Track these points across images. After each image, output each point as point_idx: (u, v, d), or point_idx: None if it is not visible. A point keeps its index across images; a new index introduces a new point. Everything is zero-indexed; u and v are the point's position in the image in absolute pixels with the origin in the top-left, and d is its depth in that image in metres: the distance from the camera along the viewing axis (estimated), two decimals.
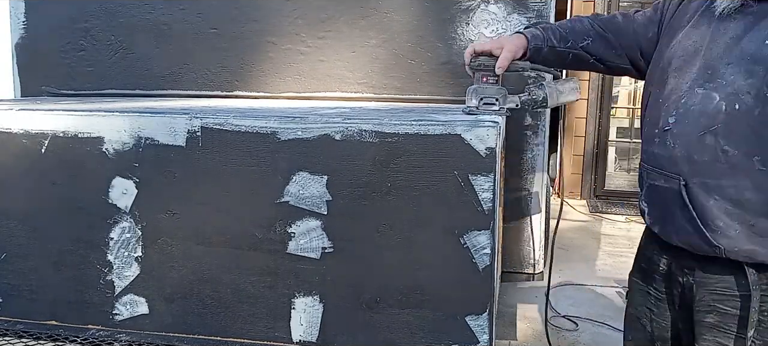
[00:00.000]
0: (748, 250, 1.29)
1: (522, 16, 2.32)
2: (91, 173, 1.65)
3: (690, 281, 1.41)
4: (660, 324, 1.51)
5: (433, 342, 1.55)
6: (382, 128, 1.50)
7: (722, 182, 1.29)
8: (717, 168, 1.30)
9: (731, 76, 1.30)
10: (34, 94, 2.71)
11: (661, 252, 1.49)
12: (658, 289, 1.51)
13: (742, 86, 1.28)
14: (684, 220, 1.35)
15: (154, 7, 2.57)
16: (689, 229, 1.35)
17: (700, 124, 1.32)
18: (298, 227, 1.57)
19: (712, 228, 1.31)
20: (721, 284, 1.35)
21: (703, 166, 1.32)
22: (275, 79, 2.54)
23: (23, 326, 1.74)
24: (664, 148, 1.39)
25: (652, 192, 1.45)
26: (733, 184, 1.28)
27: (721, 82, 1.31)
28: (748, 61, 1.28)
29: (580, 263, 3.93)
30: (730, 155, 1.28)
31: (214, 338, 1.65)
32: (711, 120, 1.31)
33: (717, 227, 1.31)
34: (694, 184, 1.33)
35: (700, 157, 1.32)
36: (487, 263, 1.50)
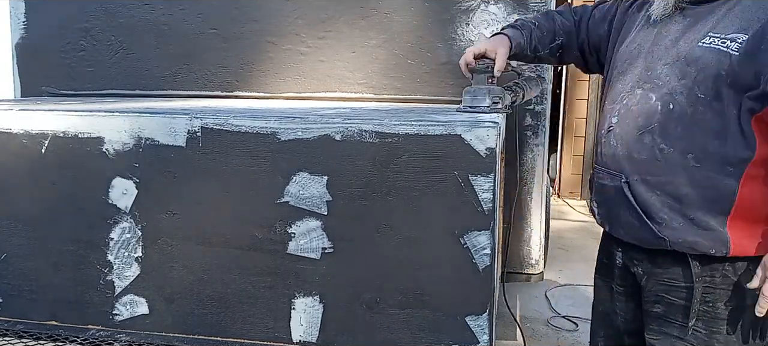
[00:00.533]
0: (690, 241, 1.33)
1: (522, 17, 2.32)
2: (91, 173, 1.65)
3: (640, 272, 1.46)
4: (626, 318, 1.55)
5: (433, 342, 1.55)
6: (382, 128, 1.50)
7: (661, 179, 1.35)
8: (655, 166, 1.35)
9: (666, 77, 1.35)
10: (34, 95, 2.71)
11: (616, 247, 1.54)
12: (618, 284, 1.56)
13: (676, 87, 1.33)
14: (629, 215, 1.40)
15: (154, 7, 2.57)
16: (635, 223, 1.39)
17: (638, 124, 1.38)
18: (298, 228, 1.57)
19: (657, 220, 1.36)
20: (668, 275, 1.39)
21: (642, 164, 1.37)
22: (275, 80, 2.54)
23: (23, 326, 1.74)
24: (608, 148, 1.45)
25: (599, 191, 1.50)
26: (670, 180, 1.33)
27: (658, 82, 1.36)
28: (681, 63, 1.33)
29: (580, 263, 3.93)
30: (666, 153, 1.34)
31: (214, 338, 1.65)
32: (648, 120, 1.36)
33: (661, 220, 1.36)
34: (635, 181, 1.38)
35: (640, 155, 1.37)
36: (487, 264, 1.50)
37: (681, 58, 1.34)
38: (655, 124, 1.35)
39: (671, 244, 1.35)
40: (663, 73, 1.36)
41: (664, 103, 1.34)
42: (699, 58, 1.30)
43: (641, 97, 1.39)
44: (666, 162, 1.34)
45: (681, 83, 1.32)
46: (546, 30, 1.72)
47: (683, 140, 1.32)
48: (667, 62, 1.37)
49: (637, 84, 1.41)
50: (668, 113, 1.33)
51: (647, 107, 1.37)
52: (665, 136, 1.34)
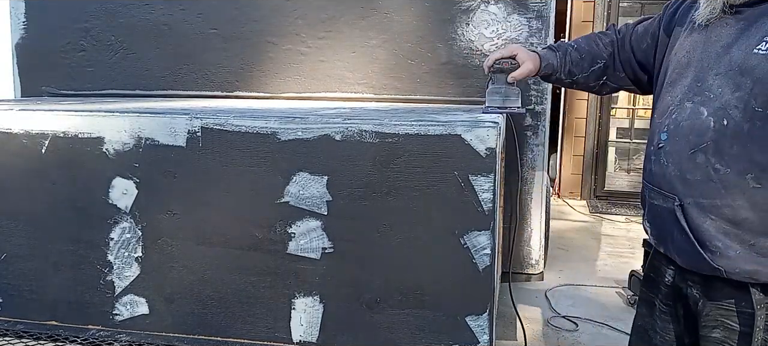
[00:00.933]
0: (749, 270, 1.23)
1: (522, 17, 2.32)
2: (91, 173, 1.65)
3: (696, 295, 1.36)
4: (665, 338, 1.46)
5: (433, 342, 1.55)
6: (382, 129, 1.50)
7: (717, 202, 1.24)
8: (710, 187, 1.24)
9: (719, 89, 1.24)
10: (34, 95, 2.71)
11: (667, 263, 1.44)
12: (663, 302, 1.46)
13: (730, 100, 1.22)
14: (682, 241, 1.30)
15: (154, 8, 2.57)
16: (688, 249, 1.29)
17: (690, 142, 1.27)
18: (298, 227, 1.57)
19: (711, 249, 1.26)
20: (727, 300, 1.29)
21: (696, 186, 1.26)
22: (275, 80, 2.54)
23: (23, 326, 1.74)
24: (659, 166, 1.35)
25: (652, 211, 1.40)
26: (728, 203, 1.23)
27: (709, 95, 1.25)
28: (735, 73, 1.22)
29: (580, 264, 3.93)
30: (721, 174, 1.23)
31: (214, 339, 1.65)
32: (700, 137, 1.25)
33: (715, 248, 1.25)
34: (688, 204, 1.28)
35: (693, 176, 1.27)
36: (487, 264, 1.50)
37: (734, 67, 1.22)
38: (708, 142, 1.24)
39: (728, 273, 1.25)
40: (715, 84, 1.24)
41: (718, 119, 1.22)
42: (755, 67, 1.18)
43: (691, 111, 1.27)
44: (722, 184, 1.22)
45: (735, 96, 1.20)
46: (585, 53, 1.61)
47: (740, 159, 1.20)
48: (719, 72, 1.25)
49: (687, 97, 1.30)
50: (722, 130, 1.22)
51: (699, 123, 1.25)
52: (720, 156, 1.22)
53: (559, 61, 1.62)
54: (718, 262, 1.25)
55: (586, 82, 1.64)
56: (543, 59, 1.61)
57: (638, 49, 1.55)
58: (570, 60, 1.62)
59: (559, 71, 1.62)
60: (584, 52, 1.61)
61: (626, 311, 3.16)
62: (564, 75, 1.63)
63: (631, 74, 1.58)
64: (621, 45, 1.58)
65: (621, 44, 1.58)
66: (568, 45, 1.64)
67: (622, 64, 1.58)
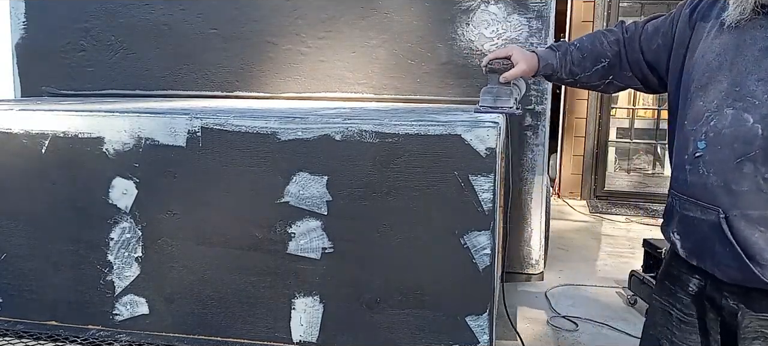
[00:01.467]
0: None
1: (522, 17, 2.32)
2: (91, 173, 1.65)
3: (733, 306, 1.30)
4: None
5: (433, 342, 1.55)
6: (382, 129, 1.50)
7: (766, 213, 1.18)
8: (760, 198, 1.19)
9: (764, 95, 1.18)
10: (34, 95, 2.71)
11: (691, 272, 1.38)
12: (683, 311, 1.41)
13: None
14: (727, 255, 1.24)
15: (154, 8, 2.57)
16: (733, 264, 1.23)
17: (735, 151, 1.21)
18: (298, 227, 1.57)
19: (761, 263, 1.20)
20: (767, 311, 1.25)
21: (743, 197, 1.20)
22: (275, 80, 2.54)
23: (23, 326, 1.74)
24: (697, 177, 1.28)
25: (685, 223, 1.34)
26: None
27: (753, 101, 1.20)
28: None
29: (580, 264, 3.93)
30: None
31: (214, 339, 1.65)
32: (747, 146, 1.19)
33: (764, 262, 1.19)
34: (734, 216, 1.21)
35: (739, 187, 1.20)
36: (487, 264, 1.49)
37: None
38: (756, 151, 1.18)
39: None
40: (759, 90, 1.19)
41: (766, 126, 1.17)
42: None
43: (734, 118, 1.22)
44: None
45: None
46: (588, 52, 1.56)
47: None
48: (761, 77, 1.19)
49: (725, 102, 1.24)
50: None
51: (744, 131, 1.20)
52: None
53: (559, 60, 1.58)
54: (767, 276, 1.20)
55: (589, 82, 1.60)
56: (541, 59, 1.58)
57: (648, 50, 1.50)
58: (571, 59, 1.58)
59: (559, 71, 1.59)
60: (586, 51, 1.57)
61: (626, 311, 3.16)
62: (565, 74, 1.59)
63: (640, 74, 1.53)
64: (629, 44, 1.53)
65: (629, 44, 1.53)
66: (570, 44, 1.61)
67: (630, 64, 1.53)
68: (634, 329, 2.83)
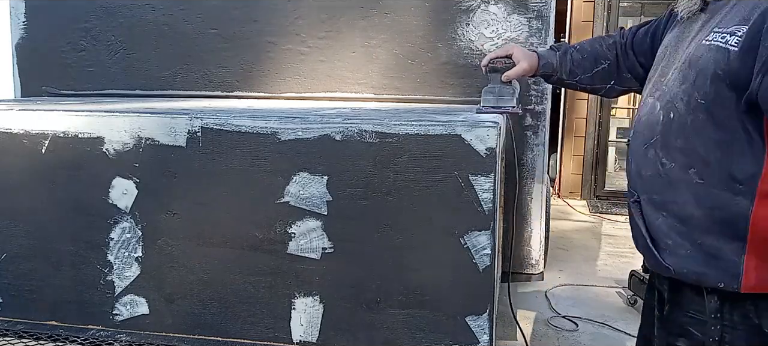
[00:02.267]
0: (698, 272, 1.17)
1: (522, 17, 2.32)
2: (91, 173, 1.65)
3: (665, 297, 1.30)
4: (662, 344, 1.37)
5: (433, 342, 1.55)
6: (382, 128, 1.50)
7: (665, 198, 1.20)
8: (660, 183, 1.21)
9: (672, 83, 1.21)
10: (34, 95, 2.71)
11: None
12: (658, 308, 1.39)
13: (677, 93, 1.18)
14: (641, 239, 1.28)
15: (154, 7, 2.57)
16: (645, 246, 1.26)
17: (644, 137, 1.25)
18: (298, 228, 1.57)
19: (662, 246, 1.22)
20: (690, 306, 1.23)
21: (648, 182, 1.24)
22: (275, 80, 2.54)
23: (23, 326, 1.74)
24: (627, 164, 1.34)
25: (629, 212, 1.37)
26: (674, 199, 1.18)
27: (665, 89, 1.23)
28: (685, 66, 1.18)
29: (580, 263, 3.93)
30: (668, 169, 1.19)
31: (214, 339, 1.65)
32: (651, 132, 1.22)
33: (666, 246, 1.21)
34: (644, 200, 1.25)
35: (646, 171, 1.24)
36: (487, 264, 1.49)
37: (685, 60, 1.19)
38: (656, 136, 1.21)
39: (676, 273, 1.20)
40: (671, 78, 1.22)
41: (666, 113, 1.20)
42: (699, 58, 1.15)
43: (650, 106, 1.25)
44: (668, 179, 1.19)
45: (681, 89, 1.17)
46: (587, 53, 1.56)
47: (683, 153, 1.17)
48: (677, 66, 1.22)
49: (650, 93, 1.28)
50: (668, 123, 1.19)
51: (652, 118, 1.23)
52: (666, 150, 1.19)
53: (559, 60, 1.59)
54: (667, 259, 1.21)
55: (591, 84, 1.59)
56: (542, 58, 1.59)
57: (640, 52, 1.52)
58: (571, 60, 1.58)
59: (559, 71, 1.59)
60: (586, 53, 1.58)
61: (626, 311, 3.16)
62: (565, 75, 1.59)
63: (637, 77, 1.55)
64: (624, 49, 1.55)
65: (624, 49, 1.55)
66: (570, 46, 1.62)
67: (627, 68, 1.56)
68: (634, 329, 2.82)
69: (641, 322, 1.52)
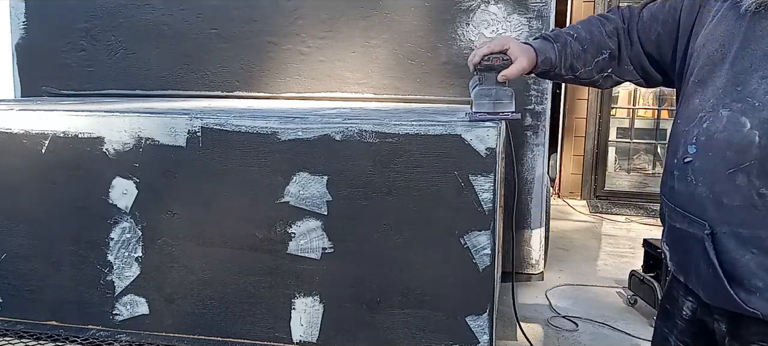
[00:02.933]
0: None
1: (522, 17, 2.32)
2: (91, 173, 1.65)
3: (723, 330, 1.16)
4: None
5: (433, 342, 1.55)
6: (382, 128, 1.50)
7: (761, 233, 1.03)
8: (753, 215, 1.03)
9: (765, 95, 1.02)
10: (34, 95, 2.71)
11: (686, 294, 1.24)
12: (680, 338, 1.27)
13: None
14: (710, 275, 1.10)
15: (154, 8, 2.57)
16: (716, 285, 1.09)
17: (727, 159, 1.06)
18: (298, 228, 1.57)
19: (747, 288, 1.06)
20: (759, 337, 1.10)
21: (734, 212, 1.05)
22: (276, 80, 2.54)
23: (23, 326, 1.74)
24: (685, 185, 1.13)
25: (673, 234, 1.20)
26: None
27: (753, 102, 1.04)
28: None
29: (580, 263, 3.93)
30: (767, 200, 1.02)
31: (214, 338, 1.65)
32: (742, 155, 1.04)
33: (754, 288, 1.05)
34: (723, 233, 1.07)
35: (731, 201, 1.05)
36: (487, 264, 1.49)
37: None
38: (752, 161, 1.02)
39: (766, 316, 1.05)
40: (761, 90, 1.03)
41: (764, 132, 1.01)
42: None
43: (729, 121, 1.06)
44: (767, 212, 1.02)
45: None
46: (587, 42, 1.36)
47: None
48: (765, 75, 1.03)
49: (722, 102, 1.08)
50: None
51: (739, 137, 1.04)
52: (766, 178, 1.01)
53: (558, 54, 1.37)
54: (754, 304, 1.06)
55: (589, 77, 1.40)
56: (539, 53, 1.36)
57: (647, 40, 1.32)
58: (571, 52, 1.38)
59: (558, 66, 1.38)
60: (586, 42, 1.38)
61: (626, 311, 3.16)
62: (564, 70, 1.38)
63: (640, 68, 1.37)
64: (627, 36, 1.36)
65: (627, 35, 1.36)
66: (566, 34, 1.40)
67: (629, 57, 1.36)
68: (634, 329, 2.83)
69: None
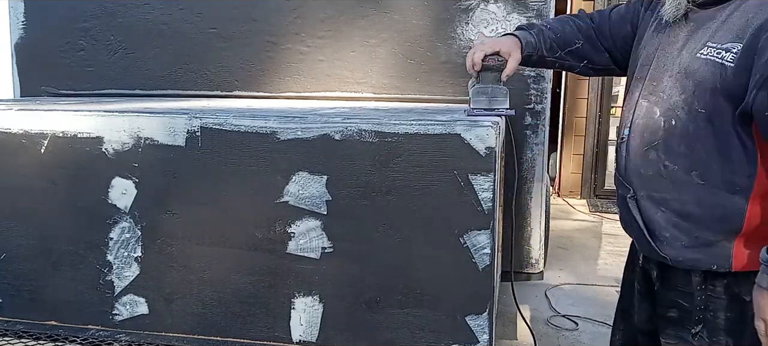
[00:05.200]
0: (692, 259, 1.32)
1: (521, 16, 2.32)
2: (90, 173, 1.65)
3: (654, 276, 1.44)
4: (642, 317, 1.53)
5: (433, 342, 1.55)
6: (381, 128, 1.50)
7: (666, 196, 1.32)
8: (661, 182, 1.33)
9: (669, 90, 1.32)
10: (33, 94, 2.71)
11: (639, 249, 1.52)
12: (639, 283, 1.54)
13: (678, 101, 1.29)
14: (638, 230, 1.39)
15: (153, 7, 2.57)
16: (641, 237, 1.39)
17: (644, 139, 1.35)
18: (297, 227, 1.56)
19: (659, 239, 1.35)
20: (678, 282, 1.38)
21: (648, 180, 1.35)
22: (275, 79, 2.54)
23: (23, 326, 1.74)
24: (621, 159, 1.43)
25: (618, 198, 1.48)
26: (676, 197, 1.31)
27: (662, 95, 1.33)
28: (682, 75, 1.29)
29: (580, 263, 3.93)
30: (670, 170, 1.31)
31: (213, 338, 1.65)
32: (653, 136, 1.33)
33: (663, 238, 1.34)
34: (641, 196, 1.37)
35: (646, 171, 1.35)
36: (486, 263, 1.49)
37: (682, 69, 1.30)
38: (659, 141, 1.32)
39: (672, 261, 1.34)
40: (667, 86, 1.32)
41: (667, 119, 1.31)
42: (696, 70, 1.26)
43: (647, 110, 1.36)
44: (671, 179, 1.31)
45: (681, 98, 1.29)
46: (559, 32, 1.59)
47: (686, 158, 1.29)
48: (671, 74, 1.32)
49: (643, 95, 1.38)
50: (671, 129, 1.30)
51: (652, 122, 1.34)
52: (669, 153, 1.31)
53: (536, 37, 1.58)
54: (665, 251, 1.34)
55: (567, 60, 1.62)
56: (523, 40, 1.55)
57: (618, 36, 1.58)
58: (547, 38, 1.59)
59: (539, 47, 1.58)
60: (558, 32, 1.60)
61: None
62: (546, 51, 1.59)
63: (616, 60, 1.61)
64: (600, 32, 1.60)
65: (600, 31, 1.60)
66: (540, 25, 1.63)
67: (606, 49, 1.60)
68: None
69: (620, 296, 1.64)
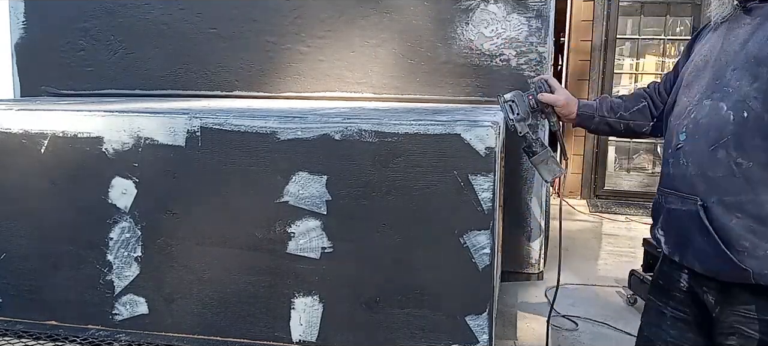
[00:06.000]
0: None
1: (522, 16, 2.32)
2: (90, 173, 1.65)
3: (711, 301, 1.31)
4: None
5: (433, 342, 1.55)
6: (381, 128, 1.50)
7: (741, 198, 1.19)
8: (734, 183, 1.20)
9: (737, 82, 1.22)
10: (33, 94, 2.71)
11: (681, 269, 1.38)
12: (676, 309, 1.41)
13: (749, 92, 1.19)
14: (705, 244, 1.25)
15: (153, 7, 2.57)
16: (711, 253, 1.24)
17: (709, 138, 1.24)
18: (297, 227, 1.57)
19: (738, 249, 1.20)
20: (745, 306, 1.24)
21: (718, 183, 1.22)
22: (275, 79, 2.54)
23: (23, 326, 1.74)
24: (678, 168, 1.31)
25: (668, 218, 1.35)
26: (752, 199, 1.18)
27: (728, 89, 1.23)
28: (752, 64, 1.20)
29: (580, 263, 3.93)
30: (744, 168, 1.19)
31: (213, 338, 1.65)
32: (720, 132, 1.22)
33: (742, 248, 1.20)
34: (712, 203, 1.23)
35: (714, 173, 1.23)
36: (486, 263, 1.49)
37: (751, 59, 1.21)
38: (728, 136, 1.21)
39: (755, 276, 1.19)
40: (733, 78, 1.23)
41: (737, 112, 1.20)
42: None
43: (711, 108, 1.26)
44: (745, 178, 1.19)
45: (754, 87, 1.18)
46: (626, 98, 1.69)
47: (763, 151, 1.17)
48: (736, 67, 1.23)
49: (705, 95, 1.28)
50: (743, 122, 1.19)
51: (718, 118, 1.23)
52: (741, 149, 1.19)
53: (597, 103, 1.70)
54: (746, 262, 1.19)
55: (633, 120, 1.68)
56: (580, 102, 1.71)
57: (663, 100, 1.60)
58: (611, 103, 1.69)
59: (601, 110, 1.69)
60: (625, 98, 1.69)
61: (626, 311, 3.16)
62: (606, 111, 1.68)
63: None
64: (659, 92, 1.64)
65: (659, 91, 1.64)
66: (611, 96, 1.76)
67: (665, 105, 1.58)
68: (634, 329, 2.82)
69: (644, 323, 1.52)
